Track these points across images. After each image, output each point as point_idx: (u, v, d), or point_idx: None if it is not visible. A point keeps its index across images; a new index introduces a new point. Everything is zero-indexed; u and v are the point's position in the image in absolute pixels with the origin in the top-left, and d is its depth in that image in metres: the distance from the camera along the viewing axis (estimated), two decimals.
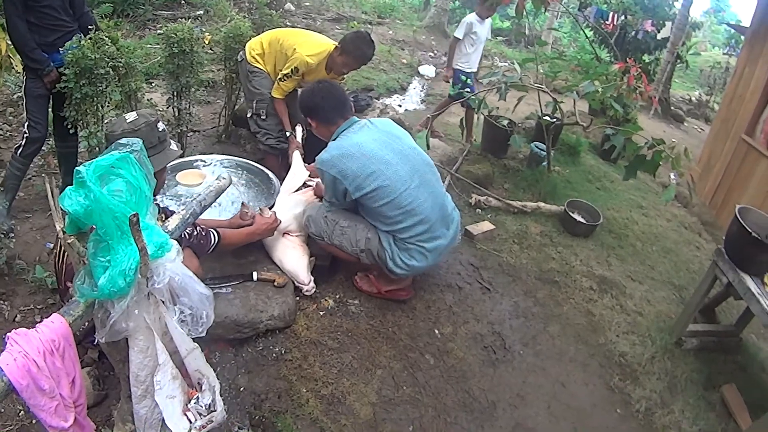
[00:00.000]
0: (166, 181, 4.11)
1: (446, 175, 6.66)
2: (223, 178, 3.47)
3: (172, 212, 3.26)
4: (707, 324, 5.43)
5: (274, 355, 4.02)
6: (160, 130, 3.29)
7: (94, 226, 2.35)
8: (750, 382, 4.90)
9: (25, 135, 4.93)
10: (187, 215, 3.04)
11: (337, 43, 5.78)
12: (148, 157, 2.74)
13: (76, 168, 2.34)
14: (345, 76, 6.28)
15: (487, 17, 8.58)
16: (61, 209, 2.38)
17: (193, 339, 2.74)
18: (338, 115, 4.41)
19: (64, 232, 2.43)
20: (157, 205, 3.00)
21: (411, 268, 4.32)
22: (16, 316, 4.15)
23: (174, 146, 3.45)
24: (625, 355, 4.82)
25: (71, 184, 4.93)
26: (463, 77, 8.52)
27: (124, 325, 2.44)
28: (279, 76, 5.77)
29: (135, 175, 2.44)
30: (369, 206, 4.23)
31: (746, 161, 8.52)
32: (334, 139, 4.40)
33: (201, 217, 3.36)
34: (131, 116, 3.27)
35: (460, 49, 8.64)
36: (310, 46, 5.74)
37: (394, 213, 4.18)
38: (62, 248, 3.29)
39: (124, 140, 2.64)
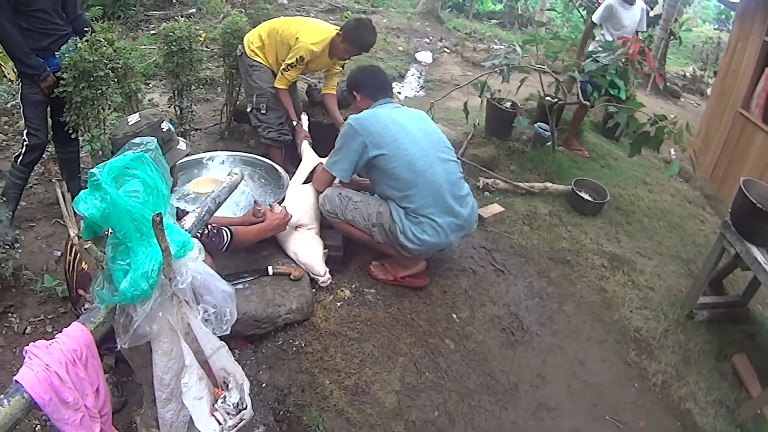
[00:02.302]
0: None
1: None
2: (235, 174, 3.44)
3: (185, 212, 3.23)
4: (716, 296, 5.47)
5: (294, 348, 4.02)
6: (164, 130, 3.24)
7: (111, 230, 2.32)
8: (759, 351, 4.96)
9: (25, 143, 4.84)
10: (203, 213, 2.99)
11: (337, 29, 5.75)
12: None
13: (90, 170, 2.29)
14: (346, 62, 6.27)
15: (634, 3, 7.80)
16: (75, 214, 2.34)
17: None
18: (381, 93, 4.83)
19: (79, 237, 2.37)
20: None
21: (423, 242, 4.33)
22: (26, 329, 4.12)
23: (182, 145, 3.41)
24: (640, 330, 4.86)
25: (74, 190, 4.91)
26: None
27: (148, 329, 2.39)
28: (283, 67, 5.71)
29: (151, 175, 2.38)
30: (383, 168, 4.38)
31: (743, 134, 8.54)
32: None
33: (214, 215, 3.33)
34: (134, 118, 3.23)
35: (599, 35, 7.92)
36: (313, 33, 5.69)
37: (409, 176, 4.32)
38: (72, 255, 3.25)
39: (137, 140, 2.59)
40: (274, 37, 5.83)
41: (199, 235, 3.36)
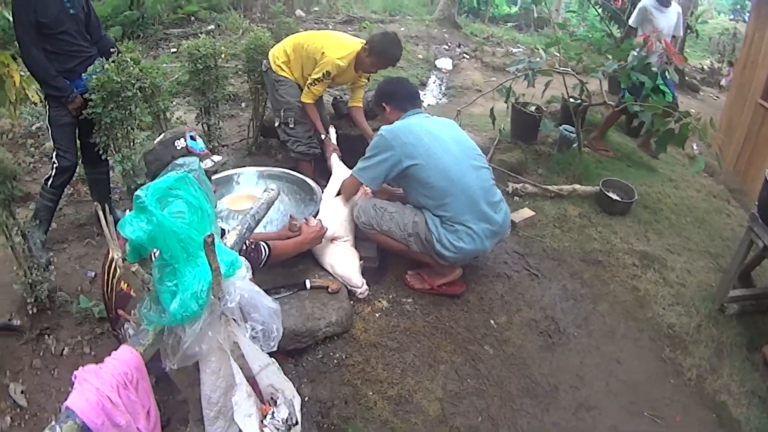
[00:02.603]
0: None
1: None
2: (271, 189, 3.45)
3: (223, 230, 3.24)
4: (745, 288, 5.43)
5: (335, 361, 4.03)
6: (178, 148, 3.22)
7: (157, 251, 2.33)
8: None
9: (55, 165, 4.89)
10: (244, 230, 3.02)
11: (363, 42, 5.80)
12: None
13: (135, 193, 2.29)
14: (371, 75, 6.31)
15: (669, 5, 7.70)
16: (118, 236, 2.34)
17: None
18: (410, 104, 4.90)
19: (124, 260, 2.37)
20: None
21: (459, 250, 4.37)
22: (63, 350, 4.14)
23: (207, 162, 3.40)
24: (673, 326, 4.85)
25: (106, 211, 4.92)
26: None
27: (197, 349, 2.40)
28: (309, 81, 5.73)
29: (195, 195, 2.39)
30: (417, 177, 4.43)
31: (765, 125, 8.43)
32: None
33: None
34: (159, 137, 3.26)
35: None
36: (338, 47, 5.73)
37: (443, 184, 4.38)
38: (110, 276, 3.25)
39: (180, 160, 2.62)
40: (299, 51, 5.86)
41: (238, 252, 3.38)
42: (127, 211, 2.67)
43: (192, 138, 3.27)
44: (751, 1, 10.65)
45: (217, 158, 3.43)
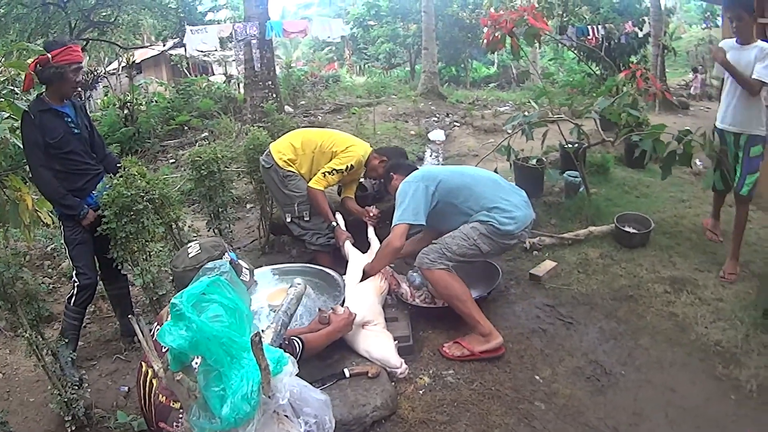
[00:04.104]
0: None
1: None
2: (298, 284, 3.46)
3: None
4: None
5: None
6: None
7: (200, 357, 2.32)
8: None
9: (76, 284, 4.94)
10: (279, 327, 3.01)
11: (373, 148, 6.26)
12: None
13: (171, 301, 2.30)
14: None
15: (748, 42, 5.69)
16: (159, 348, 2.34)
17: None
18: (413, 169, 5.50)
19: (165, 371, 2.37)
20: None
21: (515, 218, 4.86)
22: None
23: (245, 275, 3.44)
24: (720, 342, 4.80)
25: (129, 326, 5.01)
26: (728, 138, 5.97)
27: None
28: (326, 169, 5.86)
29: (230, 297, 2.41)
30: (447, 189, 4.99)
31: None
32: None
33: None
34: (194, 250, 3.28)
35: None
36: (361, 146, 6.12)
37: (467, 180, 5.08)
38: (146, 389, 3.22)
39: (210, 264, 2.63)
40: (310, 146, 6.04)
41: None
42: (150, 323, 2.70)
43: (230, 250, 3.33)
44: (722, 5, 10.68)
45: (244, 264, 3.48)
